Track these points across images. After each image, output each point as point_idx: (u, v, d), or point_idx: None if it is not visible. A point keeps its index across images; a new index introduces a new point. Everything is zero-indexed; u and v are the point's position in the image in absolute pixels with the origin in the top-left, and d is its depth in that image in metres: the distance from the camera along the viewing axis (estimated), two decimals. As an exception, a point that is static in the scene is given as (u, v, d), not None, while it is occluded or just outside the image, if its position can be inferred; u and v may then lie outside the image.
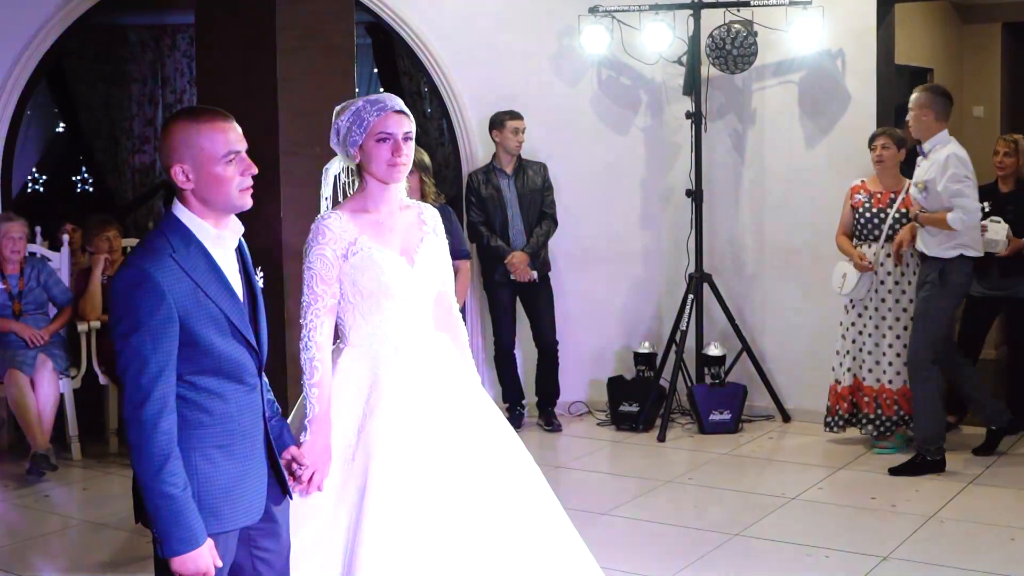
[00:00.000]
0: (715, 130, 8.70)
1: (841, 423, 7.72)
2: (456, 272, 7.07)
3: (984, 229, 7.47)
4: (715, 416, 8.26)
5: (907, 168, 7.54)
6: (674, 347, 8.43)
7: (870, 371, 7.54)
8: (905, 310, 7.46)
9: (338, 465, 3.71)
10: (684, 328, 8.38)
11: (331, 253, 3.75)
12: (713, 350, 8.43)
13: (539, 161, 8.42)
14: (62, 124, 11.96)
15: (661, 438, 8.04)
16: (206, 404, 3.18)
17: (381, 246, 3.81)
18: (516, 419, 8.36)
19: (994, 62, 11.10)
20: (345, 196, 3.93)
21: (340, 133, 3.83)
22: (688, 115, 8.46)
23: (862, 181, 7.66)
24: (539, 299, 8.37)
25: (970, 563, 5.65)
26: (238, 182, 3.18)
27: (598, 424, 8.58)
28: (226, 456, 3.21)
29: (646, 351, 8.57)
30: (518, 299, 8.41)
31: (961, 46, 11.10)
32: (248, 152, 3.24)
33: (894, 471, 7.14)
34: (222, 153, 3.15)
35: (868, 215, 7.53)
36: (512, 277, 8.16)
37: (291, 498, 3.50)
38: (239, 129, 3.23)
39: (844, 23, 8.29)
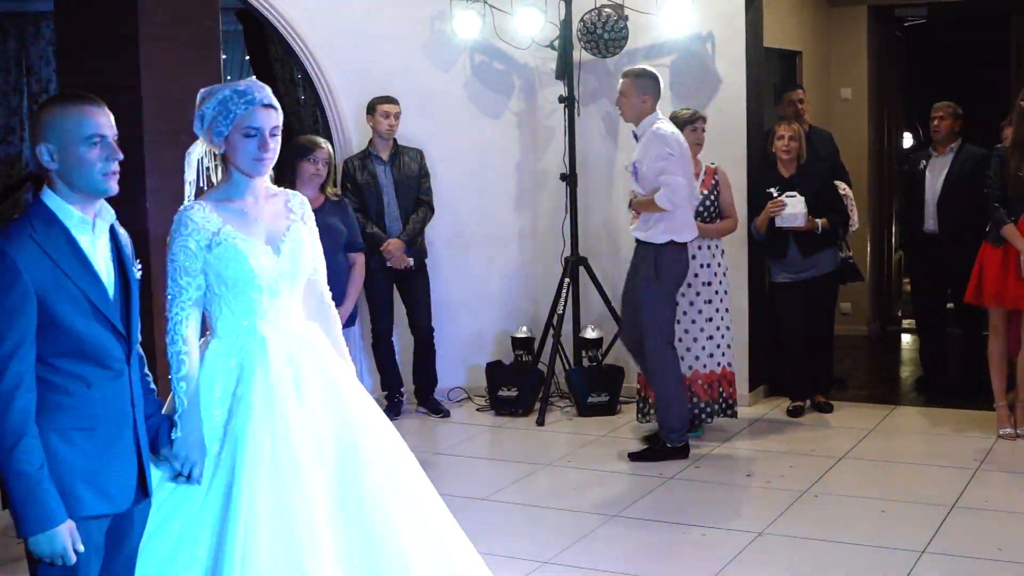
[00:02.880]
0: (588, 114, 8.74)
1: (648, 410, 7.77)
2: (352, 265, 7.09)
3: (782, 205, 7.66)
4: (593, 398, 8.31)
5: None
6: (551, 331, 8.45)
7: (682, 358, 7.51)
8: (707, 294, 7.58)
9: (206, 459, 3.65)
10: (561, 312, 8.41)
11: (194, 244, 3.69)
12: (590, 333, 8.47)
13: (415, 147, 8.38)
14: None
15: (540, 422, 8.07)
16: (68, 386, 3.19)
17: (245, 235, 3.75)
18: (395, 406, 8.34)
19: (861, 45, 11.28)
20: (209, 180, 3.86)
21: (205, 120, 3.76)
22: (561, 99, 8.49)
23: None
24: (415, 286, 8.34)
25: (843, 535, 5.76)
26: (101, 166, 3.23)
27: (477, 410, 8.59)
28: (88, 439, 3.21)
29: (523, 335, 8.59)
30: (395, 286, 8.37)
31: (829, 29, 11.26)
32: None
33: (634, 456, 7.18)
34: (86, 135, 3.21)
35: None
36: (388, 264, 8.11)
37: (150, 499, 3.47)
38: (110, 116, 3.30)
39: (713, 7, 8.37)
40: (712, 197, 7.61)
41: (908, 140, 13.69)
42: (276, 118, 3.78)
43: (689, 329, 7.55)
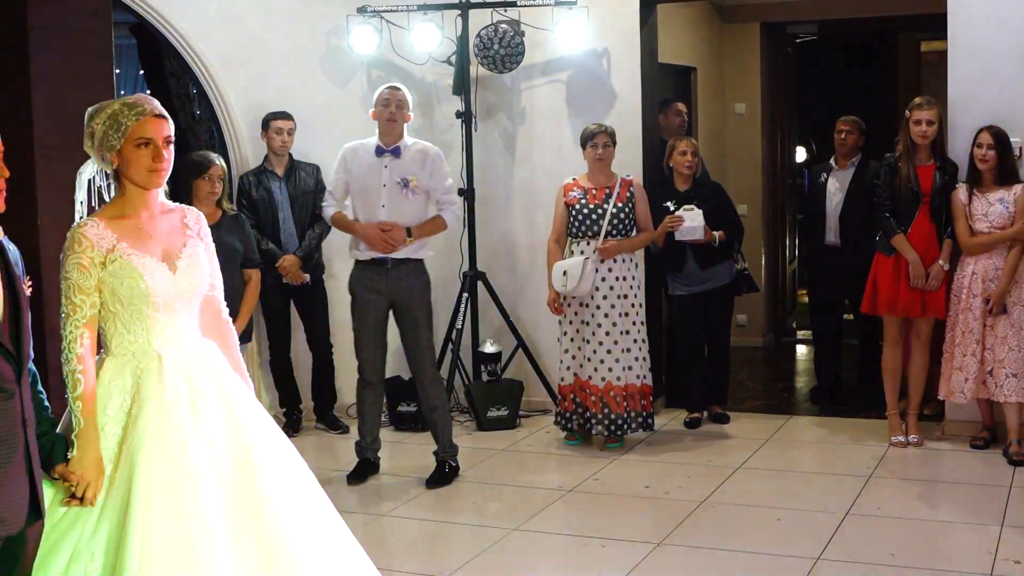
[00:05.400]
0: (485, 129, 8.78)
1: (564, 421, 7.86)
2: (248, 281, 7.02)
3: (681, 220, 7.77)
4: (493, 412, 8.33)
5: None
6: (450, 345, 8.46)
7: (595, 369, 7.62)
8: (623, 307, 7.64)
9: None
10: (460, 326, 8.42)
11: (88, 262, 3.64)
12: (489, 347, 8.50)
13: (312, 163, 8.34)
14: None
15: (440, 436, 8.06)
16: None
17: (141, 252, 3.71)
18: (294, 423, 8.29)
19: (754, 60, 11.45)
20: (101, 200, 3.82)
21: (95, 137, 3.72)
22: (458, 115, 8.52)
23: (574, 179, 7.81)
24: (313, 302, 8.29)
25: (740, 544, 5.83)
26: None
27: (377, 425, 8.55)
28: None
29: (423, 350, 8.57)
30: (292, 302, 8.32)
31: (722, 45, 11.42)
32: (3, 157, 3.23)
33: (430, 483, 7.10)
34: None
35: (586, 211, 7.66)
36: (285, 281, 8.06)
37: (43, 521, 3.40)
38: None
39: (608, 23, 8.45)
40: (627, 210, 7.66)
41: (801, 154, 13.92)
42: (168, 128, 3.76)
43: (603, 341, 7.59)
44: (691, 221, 7.82)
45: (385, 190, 7.00)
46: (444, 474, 7.12)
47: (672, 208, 7.92)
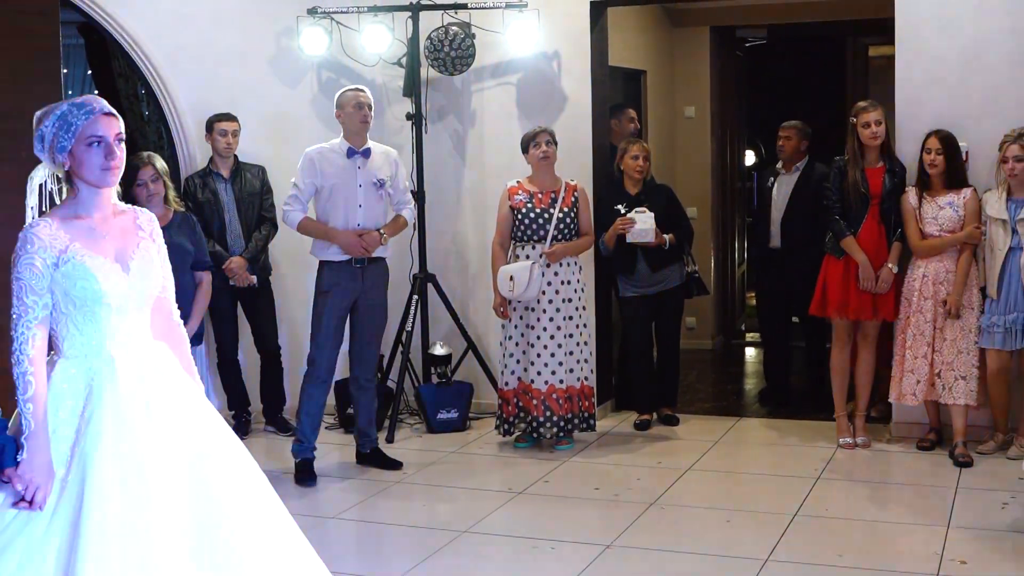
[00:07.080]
0: (436, 131, 8.77)
1: (507, 426, 7.87)
2: (199, 284, 6.97)
3: (632, 222, 7.80)
4: (443, 415, 8.32)
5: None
6: (400, 348, 8.44)
7: (539, 373, 7.64)
8: (567, 310, 7.66)
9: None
10: (409, 328, 8.40)
11: (41, 262, 3.60)
12: (439, 349, 8.48)
13: (259, 164, 8.30)
14: None
15: (390, 439, 8.02)
16: None
17: (94, 253, 3.68)
18: (243, 426, 8.24)
19: (703, 64, 11.49)
20: (52, 204, 3.78)
21: (46, 140, 3.69)
22: (409, 116, 8.50)
23: (518, 182, 7.82)
24: (260, 304, 8.25)
25: (690, 545, 5.86)
26: None
27: (327, 428, 8.48)
28: None
29: (372, 353, 8.55)
30: (240, 304, 8.27)
31: (672, 49, 11.45)
32: None
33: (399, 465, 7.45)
34: None
35: (532, 215, 7.68)
36: (231, 283, 8.00)
37: None
38: None
39: (559, 26, 8.46)
40: (572, 215, 7.68)
41: (750, 158, 13.99)
42: (118, 125, 3.74)
43: (547, 345, 7.61)
44: (643, 223, 7.84)
45: (361, 191, 7.15)
46: (392, 460, 7.41)
47: (623, 211, 7.94)
